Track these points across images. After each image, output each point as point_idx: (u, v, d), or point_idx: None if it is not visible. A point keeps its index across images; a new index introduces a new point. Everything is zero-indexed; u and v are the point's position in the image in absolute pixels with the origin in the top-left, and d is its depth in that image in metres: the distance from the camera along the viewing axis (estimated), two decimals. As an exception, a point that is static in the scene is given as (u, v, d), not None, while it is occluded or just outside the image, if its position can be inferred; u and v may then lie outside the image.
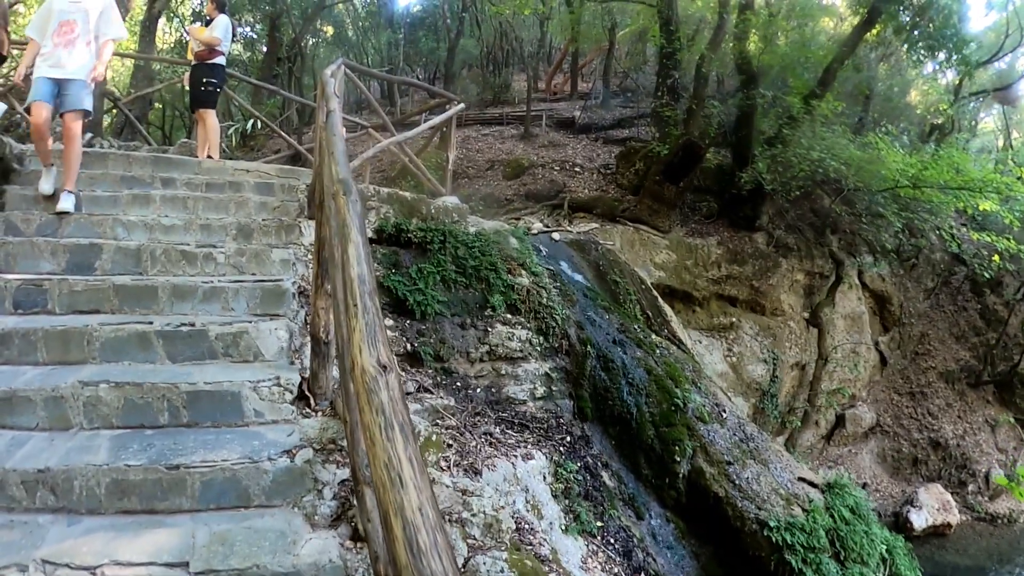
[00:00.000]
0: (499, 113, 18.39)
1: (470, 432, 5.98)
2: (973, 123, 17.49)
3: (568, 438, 7.50)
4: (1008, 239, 11.81)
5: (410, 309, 6.63)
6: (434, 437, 4.47)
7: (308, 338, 4.11)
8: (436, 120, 8.12)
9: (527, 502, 5.14)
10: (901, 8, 11.34)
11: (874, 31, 11.55)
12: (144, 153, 6.31)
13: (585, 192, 12.02)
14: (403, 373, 6.33)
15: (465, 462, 4.58)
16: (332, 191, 3.07)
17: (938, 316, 17.66)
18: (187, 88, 7.67)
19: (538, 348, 7.80)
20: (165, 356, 3.62)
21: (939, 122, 15.56)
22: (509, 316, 7.62)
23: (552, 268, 8.85)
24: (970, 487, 16.59)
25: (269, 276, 4.69)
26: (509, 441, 6.39)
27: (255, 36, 18.39)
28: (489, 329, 7.39)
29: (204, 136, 7.38)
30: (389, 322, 6.51)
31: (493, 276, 7.47)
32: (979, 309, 17.56)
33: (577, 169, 12.94)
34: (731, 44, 10.78)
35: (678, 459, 7.88)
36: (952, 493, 15.92)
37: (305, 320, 4.65)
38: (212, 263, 4.68)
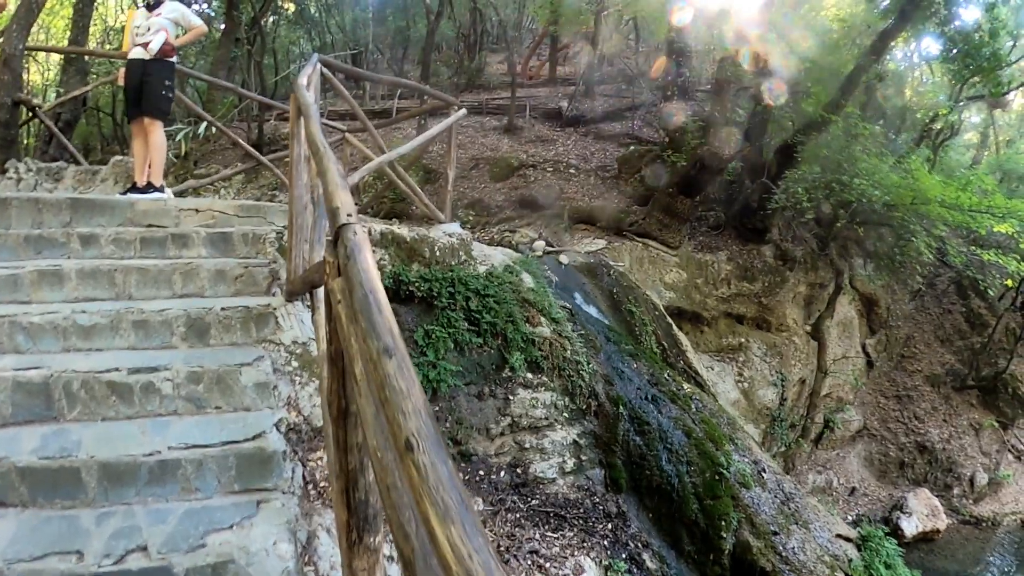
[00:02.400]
0: (477, 102, 16.55)
1: (515, 556, 4.73)
2: (959, 123, 16.49)
3: (609, 524, 6.25)
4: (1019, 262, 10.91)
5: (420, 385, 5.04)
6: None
7: (314, 523, 2.58)
8: (434, 131, 6.45)
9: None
10: (931, 17, 10.07)
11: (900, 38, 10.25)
12: (60, 194, 4.49)
13: (585, 200, 10.48)
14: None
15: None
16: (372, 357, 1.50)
17: (923, 319, 16.97)
18: (123, 89, 5.79)
19: (564, 413, 6.38)
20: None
21: (938, 127, 14.46)
22: (530, 376, 6.16)
23: (568, 305, 7.38)
24: (955, 490, 16.16)
25: (240, 412, 3.08)
26: (553, 550, 5.23)
27: (212, 13, 16.04)
28: (510, 397, 5.94)
29: (145, 154, 5.54)
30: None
31: (511, 329, 5.96)
32: (964, 312, 16.92)
33: (572, 171, 11.38)
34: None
35: (724, 534, 6.71)
36: (938, 496, 15.42)
37: (304, 483, 3.09)
38: (155, 397, 3.03)
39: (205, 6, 16.20)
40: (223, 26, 15.03)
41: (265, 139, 14.53)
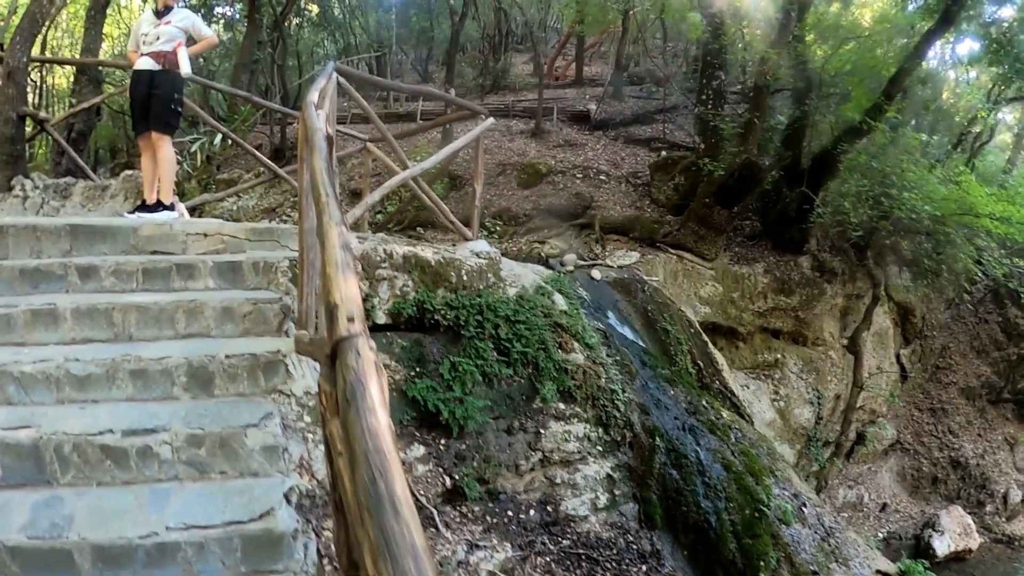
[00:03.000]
0: (503, 104, 16.05)
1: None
2: (996, 125, 15.67)
3: (643, 566, 5.75)
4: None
5: (445, 424, 4.67)
6: None
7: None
8: (460, 143, 5.99)
9: None
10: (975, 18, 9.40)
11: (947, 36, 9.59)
12: (61, 220, 4.11)
13: (616, 209, 9.96)
14: (446, 526, 4.39)
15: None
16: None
17: (959, 328, 16.21)
18: (129, 101, 5.42)
19: (598, 446, 5.93)
20: None
21: (977, 130, 13.69)
22: (562, 407, 5.71)
23: (601, 326, 6.91)
24: (988, 507, 15.47)
25: (247, 478, 2.68)
26: (591, 602, 4.72)
27: (236, 16, 15.70)
28: (541, 430, 5.49)
29: (153, 171, 5.17)
30: (420, 450, 4.52)
31: (543, 357, 5.51)
32: (1000, 322, 16.14)
33: (603, 177, 10.85)
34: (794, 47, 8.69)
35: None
36: (970, 513, 14.72)
37: (318, 559, 2.68)
38: (153, 462, 2.65)
39: (228, 8, 15.89)
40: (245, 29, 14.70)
41: (288, 143, 14.19)
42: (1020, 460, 15.98)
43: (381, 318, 4.63)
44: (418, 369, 4.73)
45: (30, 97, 15.13)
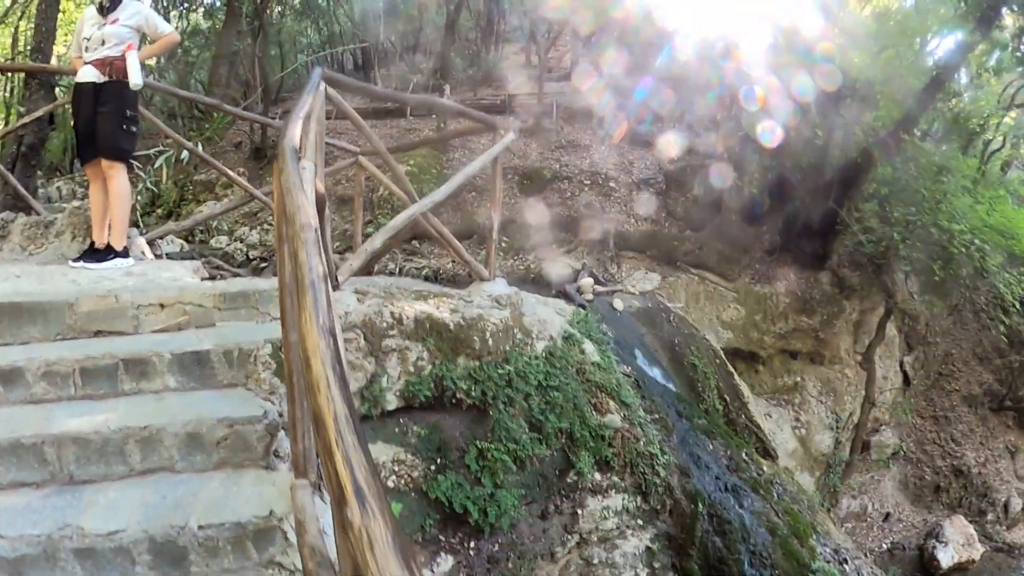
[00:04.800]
0: (499, 98, 14.93)
1: None
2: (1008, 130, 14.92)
3: None
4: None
5: (475, 524, 3.75)
6: None
7: None
8: (477, 164, 5.02)
9: None
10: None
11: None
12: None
13: (632, 222, 9.01)
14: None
15: None
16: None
17: (962, 335, 15.61)
18: (73, 122, 4.33)
19: (637, 517, 5.06)
20: None
21: (989, 138, 12.93)
22: (599, 477, 4.82)
23: (630, 369, 6.02)
24: (989, 516, 15.10)
25: None
26: None
27: (216, 3, 14.39)
28: (578, 510, 4.60)
29: (104, 206, 4.12)
30: (448, 562, 3.60)
31: (578, 424, 4.60)
32: (1004, 329, 15.63)
33: (612, 184, 9.89)
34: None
35: (808, 651, 5.48)
36: (971, 522, 14.34)
37: None
38: None
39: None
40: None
41: (270, 142, 12.97)
42: (1021, 468, 15.63)
43: (392, 402, 3.66)
44: (439, 461, 3.79)
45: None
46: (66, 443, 2.44)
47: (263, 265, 9.90)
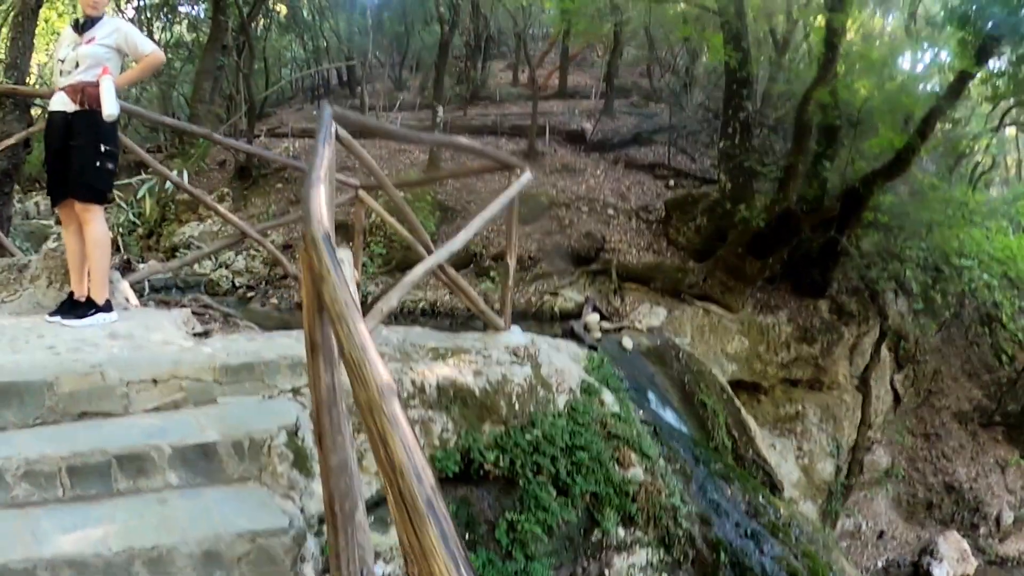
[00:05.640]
0: (488, 119, 14.67)
1: None
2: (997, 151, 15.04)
3: None
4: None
5: (508, 607, 3.44)
6: None
7: None
8: (495, 207, 4.68)
9: None
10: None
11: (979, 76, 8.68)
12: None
13: (632, 252, 8.77)
14: None
15: None
16: None
17: (950, 351, 15.68)
18: (45, 155, 3.89)
19: (661, 570, 4.83)
20: None
21: (978, 158, 13.00)
22: (623, 533, 4.56)
23: (646, 415, 5.80)
24: (981, 530, 15.14)
25: None
26: None
27: (201, 15, 13.88)
28: (605, 570, 4.37)
29: (80, 254, 3.67)
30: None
31: (603, 483, 4.35)
32: (991, 345, 15.73)
33: (611, 211, 9.64)
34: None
35: None
36: (964, 537, 14.40)
37: None
38: None
39: (192, 8, 14.05)
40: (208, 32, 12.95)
41: (255, 160, 12.58)
42: (1011, 482, 15.71)
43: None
44: (469, 536, 3.51)
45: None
46: (61, 568, 2.09)
47: (250, 295, 9.50)
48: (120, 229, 6.08)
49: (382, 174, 4.26)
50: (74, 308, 3.66)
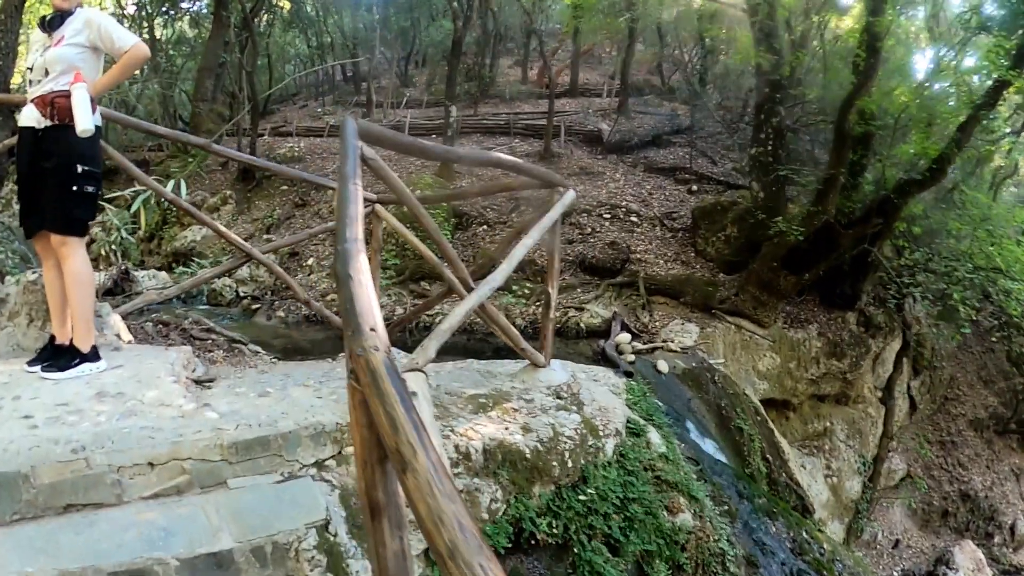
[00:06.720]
0: (501, 118, 14.10)
1: None
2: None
3: None
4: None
5: None
6: None
7: None
8: (534, 234, 4.14)
9: None
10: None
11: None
12: None
13: (660, 263, 8.23)
14: None
15: None
16: None
17: (966, 358, 15.28)
18: (16, 177, 3.28)
19: (710, 618, 4.38)
20: None
21: (998, 163, 12.48)
22: (671, 583, 4.13)
23: (686, 447, 5.35)
24: (996, 539, 14.82)
25: None
26: None
27: (203, 10, 13.23)
28: (655, 623, 3.87)
29: (60, 292, 3.07)
30: None
31: (653, 535, 3.88)
32: (1007, 351, 15.33)
33: (634, 218, 9.10)
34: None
35: None
36: (979, 545, 14.06)
37: None
38: None
39: (195, 3, 13.39)
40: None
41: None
42: (1026, 489, 15.39)
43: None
44: (518, 620, 3.02)
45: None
46: None
47: (255, 307, 8.96)
48: (114, 247, 5.45)
49: (422, 208, 3.70)
50: (56, 356, 3.08)
